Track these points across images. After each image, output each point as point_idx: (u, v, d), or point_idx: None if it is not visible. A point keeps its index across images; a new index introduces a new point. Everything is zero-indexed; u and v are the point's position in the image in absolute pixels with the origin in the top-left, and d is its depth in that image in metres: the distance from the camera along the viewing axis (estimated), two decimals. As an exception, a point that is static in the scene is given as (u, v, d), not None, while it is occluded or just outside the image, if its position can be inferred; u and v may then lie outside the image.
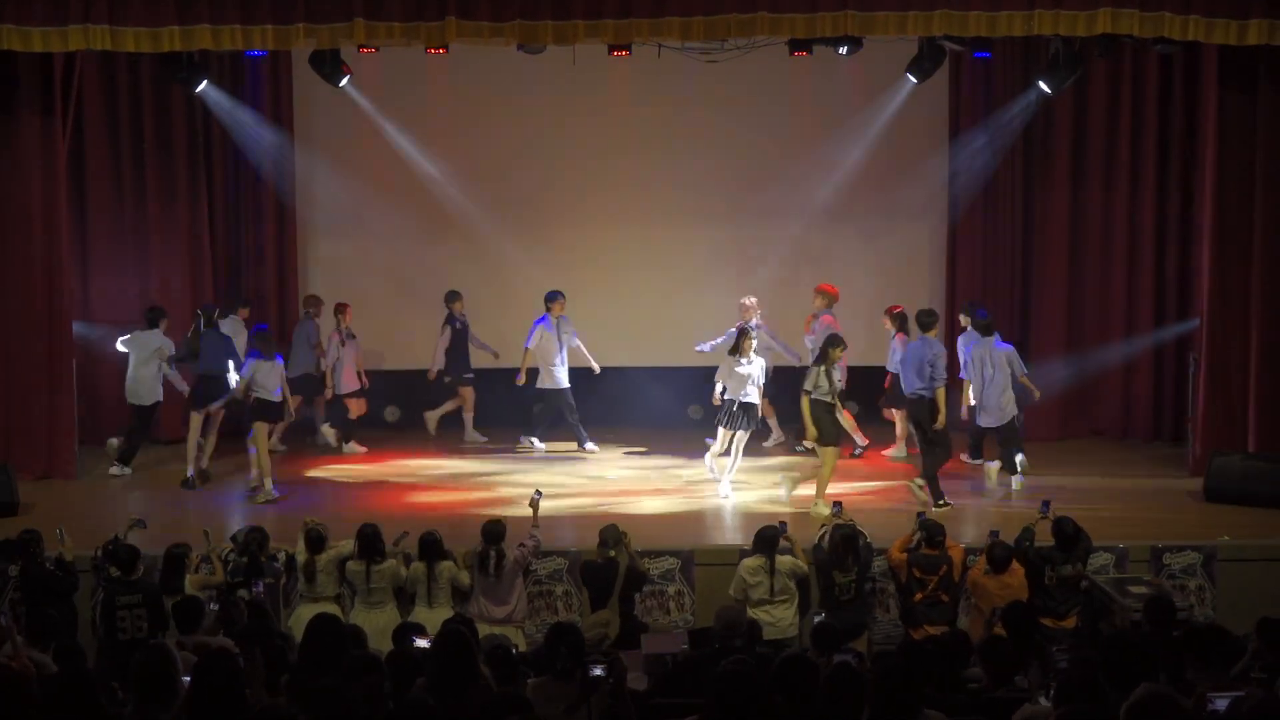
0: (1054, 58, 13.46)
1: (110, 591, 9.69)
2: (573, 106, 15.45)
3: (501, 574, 10.31)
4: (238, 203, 15.50)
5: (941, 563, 10.24)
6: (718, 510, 12.59)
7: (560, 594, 11.07)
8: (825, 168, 15.31)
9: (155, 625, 9.52)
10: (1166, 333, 15.04)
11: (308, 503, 12.45)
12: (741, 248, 15.72)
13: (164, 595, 9.63)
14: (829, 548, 10.32)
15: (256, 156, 15.23)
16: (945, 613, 10.22)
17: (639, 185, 15.66)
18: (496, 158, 15.61)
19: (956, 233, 15.55)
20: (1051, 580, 10.21)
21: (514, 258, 15.49)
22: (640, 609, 10.81)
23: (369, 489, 13.33)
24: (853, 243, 15.78)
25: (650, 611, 11.02)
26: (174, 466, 13.80)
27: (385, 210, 15.45)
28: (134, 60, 14.36)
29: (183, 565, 10.03)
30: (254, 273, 15.59)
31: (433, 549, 10.39)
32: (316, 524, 10.51)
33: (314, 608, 9.86)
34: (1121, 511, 12.38)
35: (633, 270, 15.58)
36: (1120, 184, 15.08)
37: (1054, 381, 14.77)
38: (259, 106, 15.17)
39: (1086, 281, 15.33)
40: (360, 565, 10.27)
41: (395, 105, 15.27)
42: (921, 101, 15.09)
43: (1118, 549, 11.16)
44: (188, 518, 12.08)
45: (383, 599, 10.32)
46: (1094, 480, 13.49)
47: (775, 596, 10.17)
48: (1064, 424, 15.30)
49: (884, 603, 10.97)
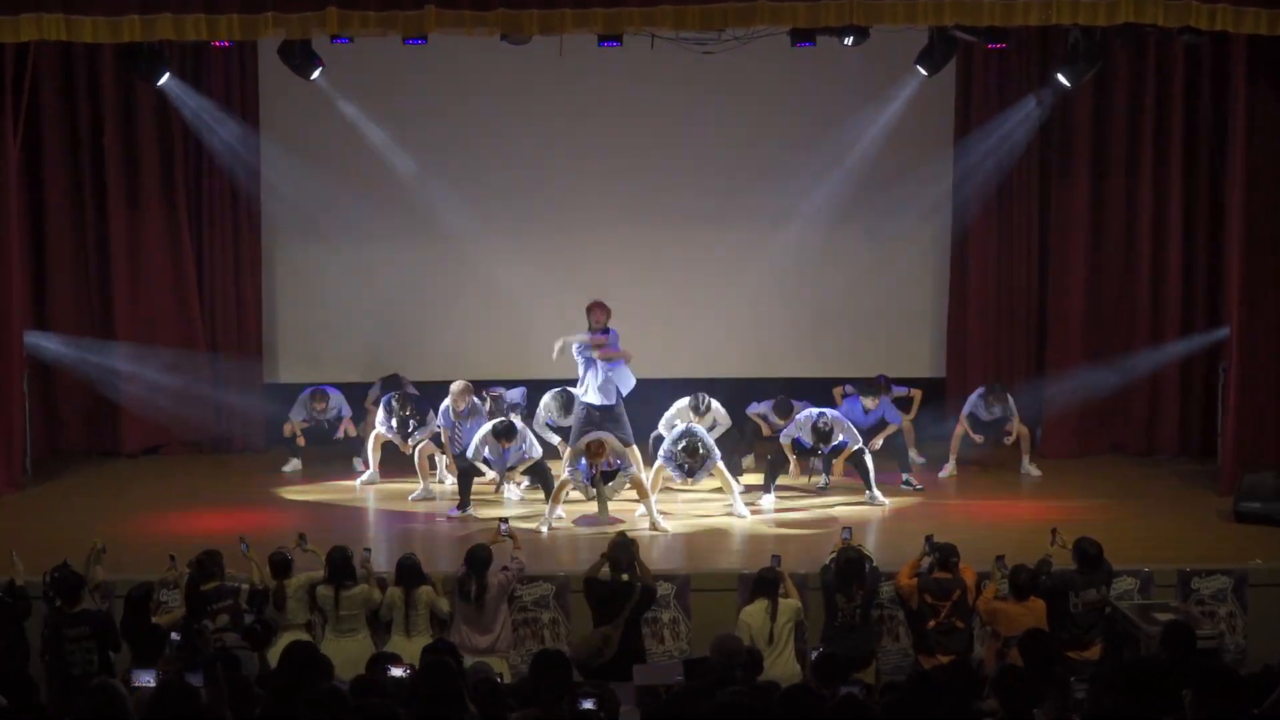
0: (1073, 49, 13.42)
1: (56, 623, 9.62)
2: (559, 103, 15.38)
3: (484, 601, 10.26)
4: (202, 204, 15.44)
5: (955, 587, 10.21)
6: (716, 531, 12.57)
7: (547, 621, 11.00)
8: (827, 165, 15.24)
9: (107, 658, 9.44)
10: (1194, 341, 14.99)
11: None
12: (735, 251, 15.68)
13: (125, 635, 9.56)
14: (835, 571, 10.29)
15: (221, 154, 15.18)
16: (960, 640, 10.18)
17: (628, 186, 15.59)
18: (477, 157, 15.55)
19: (967, 235, 15.51)
20: (1076, 607, 10.18)
21: (495, 261, 15.43)
22: (633, 636, 10.75)
23: (347, 510, 13.43)
24: (855, 245, 15.74)
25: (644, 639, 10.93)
26: (142, 484, 14.01)
27: (358, 211, 15.40)
28: (93, 53, 14.34)
29: (145, 608, 9.92)
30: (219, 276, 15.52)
31: (410, 573, 10.33)
32: (280, 549, 10.44)
33: (285, 636, 9.78)
34: (1146, 533, 12.33)
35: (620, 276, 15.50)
36: (1144, 184, 15.04)
37: (1073, 394, 14.74)
38: (225, 101, 15.12)
39: (1107, 287, 15.29)
40: (330, 590, 10.22)
41: (370, 100, 15.21)
42: (930, 95, 15.06)
43: (1142, 573, 11.10)
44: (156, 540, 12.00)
45: (354, 626, 10.25)
46: (1116, 500, 13.46)
47: (775, 641, 10.11)
48: (1084, 439, 15.25)
49: (893, 630, 10.93)
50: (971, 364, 15.49)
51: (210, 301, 15.47)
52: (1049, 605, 10.12)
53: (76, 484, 14.36)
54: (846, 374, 14.69)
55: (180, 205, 15.28)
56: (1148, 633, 10.00)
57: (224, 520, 12.58)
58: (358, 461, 14.60)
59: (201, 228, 15.43)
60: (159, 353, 15.06)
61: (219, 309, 15.50)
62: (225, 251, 15.49)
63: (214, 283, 15.49)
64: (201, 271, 15.47)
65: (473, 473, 13.07)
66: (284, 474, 14.60)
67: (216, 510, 13.21)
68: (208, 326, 15.44)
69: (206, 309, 15.44)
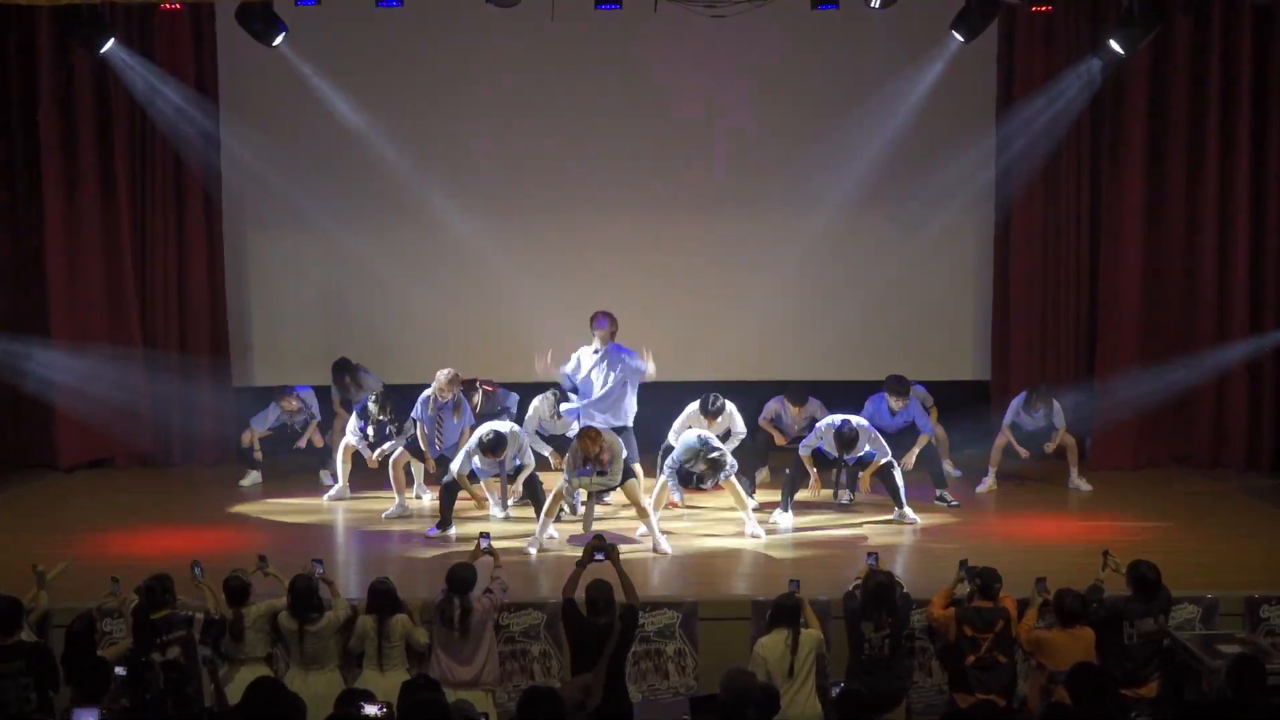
0: (1127, 11, 13.41)
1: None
2: (551, 74, 15.39)
3: (468, 627, 10.24)
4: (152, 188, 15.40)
5: (998, 617, 10.15)
6: (726, 553, 12.54)
7: (537, 654, 10.97)
8: (854, 145, 15.26)
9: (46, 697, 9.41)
10: (1264, 341, 15.02)
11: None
12: (751, 241, 15.68)
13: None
14: (861, 598, 10.26)
15: (176, 133, 15.16)
16: (1002, 677, 10.10)
17: (628, 169, 15.62)
18: (462, 136, 15.56)
19: (1010, 222, 15.49)
20: (1131, 638, 10.15)
21: (484, 252, 15.45)
22: (633, 671, 10.73)
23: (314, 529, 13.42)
24: (883, 234, 15.74)
25: (645, 675, 10.92)
26: (81, 501, 14.02)
27: (328, 194, 15.40)
28: (26, 16, 14.31)
29: (90, 643, 9.87)
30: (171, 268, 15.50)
31: (384, 600, 10.29)
32: (237, 572, 10.41)
33: (245, 671, 9.78)
34: (1209, 555, 12.30)
35: (619, 268, 15.52)
36: (1208, 165, 15.03)
37: (1127, 399, 14.72)
38: (177, 71, 15.10)
39: (1166, 280, 15.29)
40: (294, 622, 10.20)
41: (342, 72, 15.20)
42: (968, 65, 15.06)
43: (1205, 600, 11.06)
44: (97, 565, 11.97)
45: (322, 660, 10.21)
46: (1176, 518, 13.45)
47: (795, 675, 10.08)
48: (1140, 450, 15.28)
49: (925, 665, 10.90)
50: (1015, 366, 15.48)
51: (164, 296, 15.44)
52: (1100, 636, 10.07)
53: (6, 501, 14.34)
54: (874, 377, 14.65)
55: (124, 189, 15.24)
56: (1211, 667, 9.96)
57: (174, 541, 12.57)
58: (325, 474, 14.58)
59: (151, 215, 15.39)
60: (100, 353, 15.05)
61: (171, 304, 15.47)
62: (177, 240, 15.46)
63: (166, 275, 15.47)
64: (149, 262, 15.44)
65: (456, 489, 13.05)
66: (242, 489, 14.58)
67: (166, 530, 13.18)
68: (160, 324, 15.44)
69: (162, 305, 15.43)
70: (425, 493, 13.95)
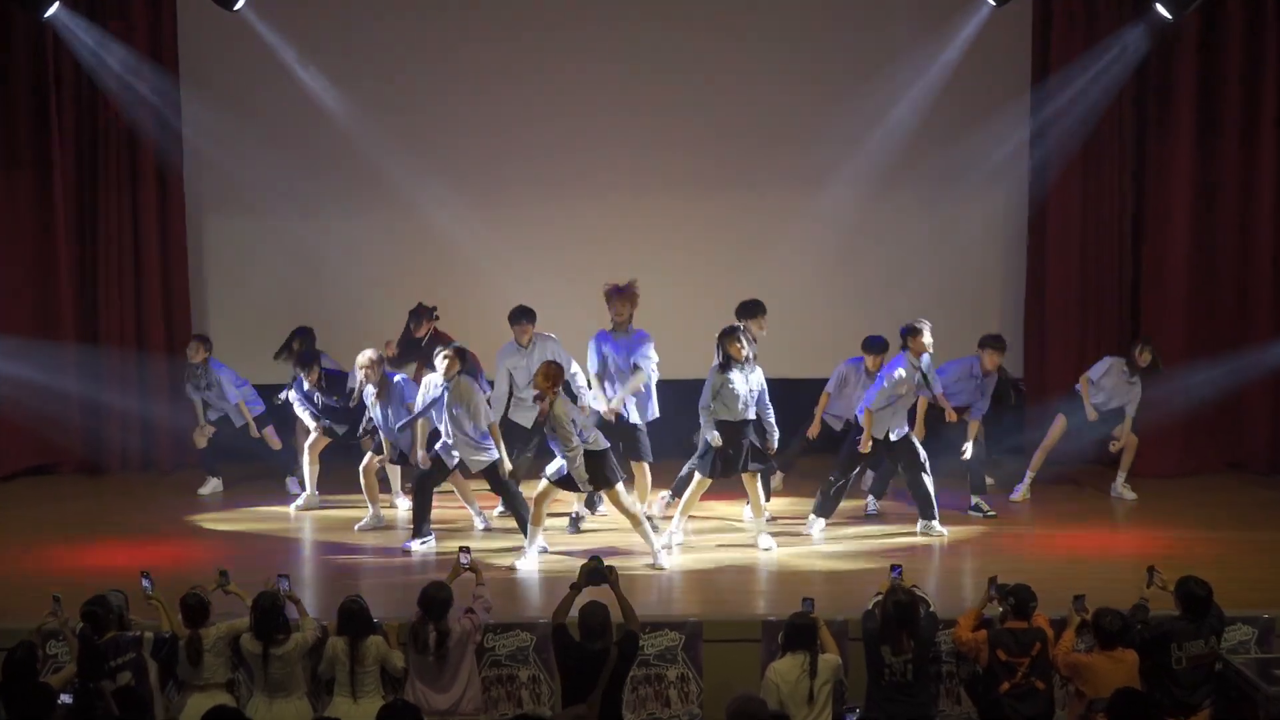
0: (1176, -29, 13.49)
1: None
2: (544, 44, 15.44)
3: (445, 652, 10.21)
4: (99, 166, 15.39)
5: (1034, 640, 10.13)
6: (733, 567, 12.51)
7: (525, 679, 10.94)
8: (875, 119, 15.30)
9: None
10: (1328, 336, 15.05)
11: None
12: (764, 222, 15.70)
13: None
14: (882, 618, 10.23)
15: (127, 105, 15.14)
16: (1039, 704, 10.09)
17: (628, 146, 15.64)
18: (445, 112, 15.60)
19: (1047, 203, 15.48)
20: (1179, 662, 10.13)
21: (467, 236, 15.46)
22: (632, 699, 10.70)
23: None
24: (909, 215, 15.76)
25: (644, 702, 10.89)
26: (20, 511, 14.15)
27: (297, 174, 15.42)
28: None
29: (32, 669, 9.84)
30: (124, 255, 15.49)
31: (356, 620, 10.26)
32: (195, 589, 10.38)
33: (202, 698, 9.76)
34: (1267, 571, 12.27)
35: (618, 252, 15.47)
36: (1263, 142, 15.07)
37: (1174, 399, 14.70)
38: (131, 40, 15.09)
39: (1219, 268, 15.32)
40: (257, 644, 10.17)
41: (310, 40, 15.23)
42: (1001, 30, 15.08)
43: (1261, 620, 11.03)
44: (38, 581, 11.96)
45: (288, 686, 10.18)
46: (1229, 530, 13.44)
47: (812, 704, 10.06)
48: (1190, 455, 15.31)
49: (953, 690, 10.88)
50: (1051, 365, 15.47)
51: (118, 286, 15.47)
52: (1145, 660, 10.07)
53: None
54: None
55: (67, 170, 15.28)
56: (1268, 694, 9.95)
57: (124, 553, 12.56)
58: (291, 482, 14.57)
59: (97, 196, 15.42)
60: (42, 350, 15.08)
61: (128, 295, 15.47)
62: (130, 225, 15.48)
63: (120, 263, 15.50)
64: (97, 249, 15.47)
65: (429, 490, 12.97)
66: (201, 497, 14.57)
67: (115, 542, 13.17)
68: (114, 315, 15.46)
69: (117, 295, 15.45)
70: (403, 501, 13.91)
